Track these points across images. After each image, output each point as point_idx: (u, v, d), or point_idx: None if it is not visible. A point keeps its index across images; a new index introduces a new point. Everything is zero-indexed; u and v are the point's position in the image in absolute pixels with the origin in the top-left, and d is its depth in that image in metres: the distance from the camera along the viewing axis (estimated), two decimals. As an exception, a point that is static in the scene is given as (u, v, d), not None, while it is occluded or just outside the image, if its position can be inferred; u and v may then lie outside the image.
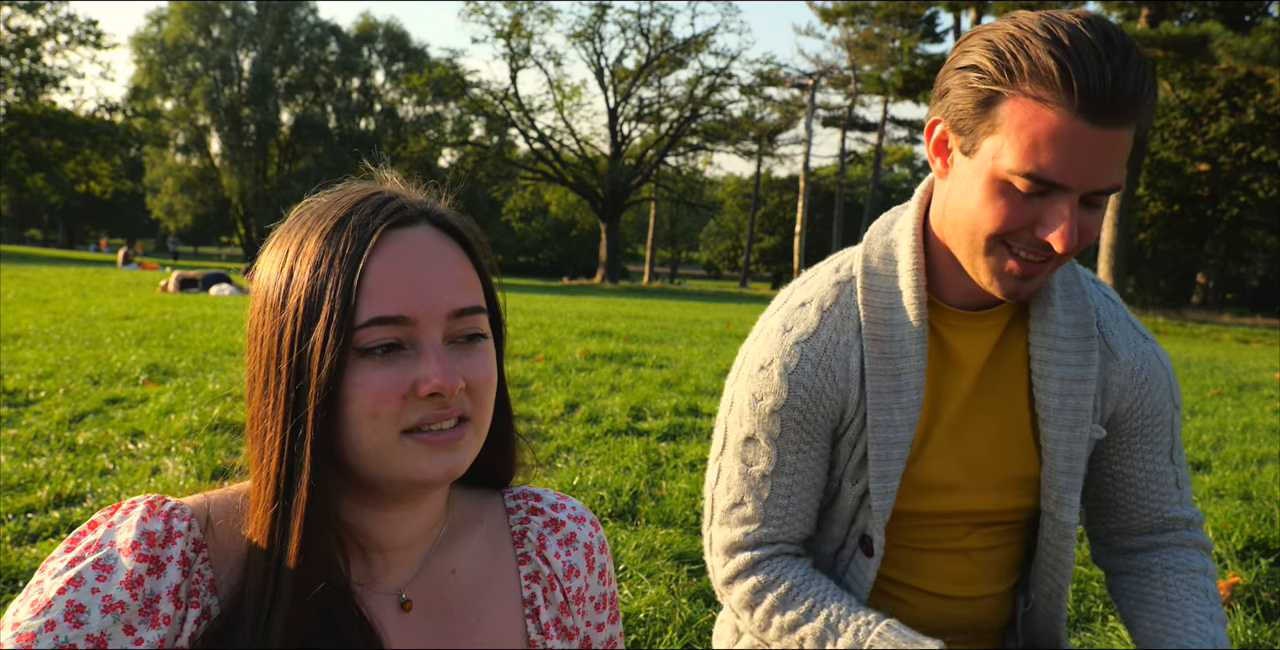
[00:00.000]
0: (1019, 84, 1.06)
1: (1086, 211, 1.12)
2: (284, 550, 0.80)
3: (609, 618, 1.04)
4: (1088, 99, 1.02)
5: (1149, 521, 1.41)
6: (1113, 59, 1.02)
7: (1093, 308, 1.32)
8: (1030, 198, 1.10)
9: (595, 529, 1.04)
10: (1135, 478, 1.39)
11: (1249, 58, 18.33)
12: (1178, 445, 1.42)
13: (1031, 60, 1.05)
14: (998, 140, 1.10)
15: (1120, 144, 1.07)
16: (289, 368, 0.81)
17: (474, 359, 0.86)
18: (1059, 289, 1.30)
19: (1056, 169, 1.06)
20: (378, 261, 0.82)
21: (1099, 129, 1.04)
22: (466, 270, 0.87)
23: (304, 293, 0.81)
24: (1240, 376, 8.30)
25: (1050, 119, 1.05)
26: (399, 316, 0.80)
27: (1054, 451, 1.30)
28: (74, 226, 61.61)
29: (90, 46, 42.14)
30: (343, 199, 0.87)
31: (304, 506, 0.80)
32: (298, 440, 0.80)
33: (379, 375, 0.80)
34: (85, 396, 4.94)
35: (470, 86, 35.66)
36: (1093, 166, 1.06)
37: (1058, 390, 1.29)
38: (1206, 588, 1.36)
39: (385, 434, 0.80)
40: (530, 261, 54.76)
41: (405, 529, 0.90)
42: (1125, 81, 1.01)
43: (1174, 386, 1.39)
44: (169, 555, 0.79)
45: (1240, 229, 32.48)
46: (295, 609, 0.78)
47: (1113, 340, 1.33)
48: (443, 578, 0.93)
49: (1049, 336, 1.29)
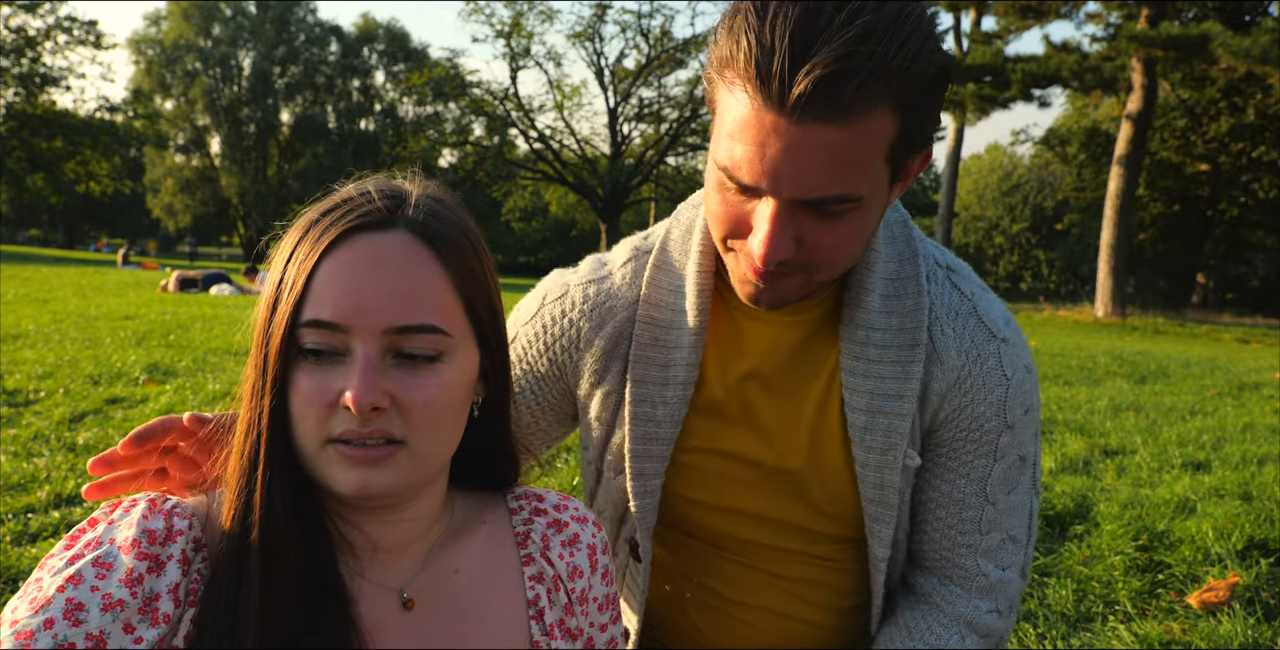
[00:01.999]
0: (726, 65, 0.91)
1: (816, 222, 0.93)
2: (245, 541, 0.80)
3: (611, 619, 1.04)
4: (779, 87, 0.84)
5: (930, 561, 1.18)
6: (820, 40, 0.83)
7: (925, 307, 1.10)
8: (741, 197, 0.95)
9: (598, 530, 1.04)
10: (930, 501, 1.16)
11: (1249, 58, 18.32)
12: (1000, 479, 1.14)
13: (734, 40, 0.89)
14: (716, 125, 0.96)
15: (833, 145, 0.86)
16: (258, 363, 0.82)
17: (416, 379, 0.81)
18: (879, 286, 1.10)
19: (746, 166, 0.90)
20: (330, 263, 0.80)
21: (797, 125, 0.86)
22: (430, 285, 0.83)
23: (273, 288, 0.83)
24: (1240, 376, 8.30)
25: (741, 108, 0.89)
26: (332, 322, 0.79)
27: (863, 477, 1.12)
28: (74, 226, 61.55)
29: (90, 47, 42.11)
30: (335, 196, 0.87)
31: (260, 499, 0.80)
32: (254, 432, 0.82)
33: (309, 379, 0.80)
34: (85, 396, 4.93)
35: (470, 86, 35.64)
36: (794, 169, 0.88)
37: (865, 406, 1.10)
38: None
39: (310, 439, 0.80)
40: (530, 261, 54.69)
41: (393, 531, 0.90)
42: (833, 68, 0.82)
43: (1012, 400, 1.12)
44: (169, 554, 0.78)
45: (1240, 229, 32.46)
46: (266, 601, 0.78)
47: (942, 342, 1.11)
48: (446, 577, 0.93)
49: (859, 344, 1.10)
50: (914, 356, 1.09)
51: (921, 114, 0.90)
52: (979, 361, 1.11)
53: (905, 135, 0.90)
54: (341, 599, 0.83)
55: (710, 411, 1.18)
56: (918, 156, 0.98)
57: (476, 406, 0.94)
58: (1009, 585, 1.16)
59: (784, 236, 0.93)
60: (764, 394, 1.16)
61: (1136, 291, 30.32)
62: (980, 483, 1.13)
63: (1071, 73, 22.34)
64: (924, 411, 1.13)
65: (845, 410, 1.12)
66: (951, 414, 1.12)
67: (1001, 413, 1.11)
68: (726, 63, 0.90)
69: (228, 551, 0.80)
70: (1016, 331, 1.16)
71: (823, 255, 0.96)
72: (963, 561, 1.15)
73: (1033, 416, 1.16)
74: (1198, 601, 2.62)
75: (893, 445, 1.10)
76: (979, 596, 1.15)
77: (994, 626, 1.16)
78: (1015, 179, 48.70)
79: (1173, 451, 4.50)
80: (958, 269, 1.18)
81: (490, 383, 0.94)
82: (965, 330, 1.12)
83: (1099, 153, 30.78)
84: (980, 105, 24.41)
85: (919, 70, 0.86)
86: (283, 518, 0.80)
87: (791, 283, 1.00)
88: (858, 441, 1.11)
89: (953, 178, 31.64)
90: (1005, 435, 1.12)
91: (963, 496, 1.14)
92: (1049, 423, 5.21)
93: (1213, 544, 2.98)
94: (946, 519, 1.15)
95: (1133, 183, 22.58)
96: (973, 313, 1.13)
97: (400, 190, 0.88)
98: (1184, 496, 3.57)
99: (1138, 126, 22.31)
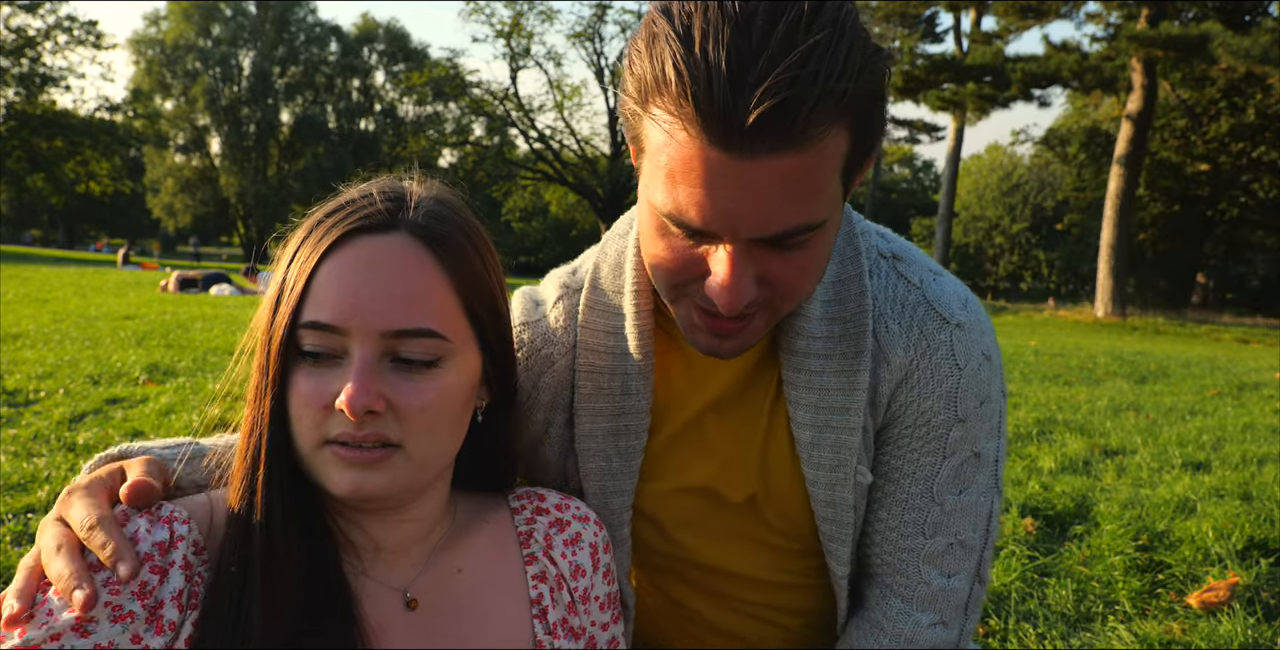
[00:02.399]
0: (652, 98, 0.80)
1: (777, 256, 0.85)
2: (248, 540, 0.80)
3: (612, 618, 1.04)
4: (724, 120, 0.75)
5: (874, 567, 1.10)
6: (761, 64, 0.73)
7: (869, 309, 1.02)
8: (691, 239, 0.85)
9: (599, 529, 1.04)
10: (873, 503, 1.08)
11: (1249, 58, 18.32)
12: (950, 478, 1.05)
13: (658, 66, 0.78)
14: (647, 164, 0.85)
15: (788, 175, 0.78)
16: (261, 363, 0.83)
17: (413, 384, 0.81)
18: (820, 292, 1.02)
19: (695, 210, 0.81)
20: (329, 265, 0.80)
21: (749, 160, 0.77)
22: (429, 288, 0.82)
23: (277, 288, 0.83)
24: (1240, 376, 8.30)
25: (680, 147, 0.79)
26: (330, 325, 0.79)
27: (815, 496, 1.05)
28: (74, 226, 61.59)
29: (90, 47, 42.11)
30: (340, 196, 0.87)
31: (262, 499, 0.80)
32: (257, 432, 0.82)
33: (307, 381, 0.80)
34: (85, 396, 4.93)
35: (470, 86, 35.63)
36: (750, 207, 0.79)
37: (810, 422, 1.03)
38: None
39: (307, 439, 0.81)
40: (530, 261, 54.73)
41: (395, 531, 0.90)
42: (783, 96, 0.73)
43: (965, 391, 1.03)
44: (171, 560, 0.78)
45: (1240, 229, 32.45)
46: (269, 600, 0.78)
47: (887, 340, 1.03)
48: (449, 577, 0.93)
49: (799, 354, 1.02)
50: (858, 365, 1.01)
51: (872, 125, 0.84)
52: (928, 353, 1.03)
53: (858, 148, 0.84)
54: (345, 598, 0.83)
55: (668, 450, 1.11)
56: (867, 164, 0.92)
57: (480, 410, 0.93)
58: (953, 594, 1.08)
59: (745, 279, 0.84)
60: (719, 421, 1.10)
61: (1136, 291, 30.33)
62: (927, 482, 1.05)
63: (1071, 73, 22.34)
64: (875, 417, 1.05)
65: (791, 426, 1.05)
66: (899, 411, 1.04)
67: (952, 405, 1.03)
68: (653, 92, 0.80)
69: (230, 551, 0.80)
70: (975, 314, 1.07)
71: (786, 288, 0.88)
72: (904, 568, 1.07)
73: (991, 408, 1.06)
74: (1198, 601, 2.62)
75: (842, 461, 1.03)
76: (920, 609, 1.08)
77: (939, 639, 1.09)
78: (1015, 179, 48.71)
79: (1173, 451, 4.49)
80: (905, 256, 1.09)
81: (494, 387, 0.94)
82: (913, 322, 1.03)
83: (1099, 153, 30.78)
84: (980, 105, 24.42)
85: (866, 83, 0.79)
86: (283, 517, 0.81)
87: (755, 326, 0.92)
88: (806, 458, 1.04)
89: (953, 178, 31.64)
90: (956, 429, 1.03)
91: (907, 497, 1.06)
92: (1049, 423, 5.21)
93: (1213, 544, 2.98)
94: (889, 521, 1.07)
95: (1133, 183, 22.58)
96: (922, 301, 1.04)
97: (403, 192, 0.87)
98: (1184, 496, 3.57)
99: (1138, 126, 22.31)
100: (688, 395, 1.09)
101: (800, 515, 1.09)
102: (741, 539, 1.14)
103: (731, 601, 1.19)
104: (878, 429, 1.07)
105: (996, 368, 1.07)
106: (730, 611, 1.20)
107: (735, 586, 1.17)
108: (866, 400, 1.03)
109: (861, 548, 1.12)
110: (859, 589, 1.15)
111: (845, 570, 1.10)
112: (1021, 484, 3.69)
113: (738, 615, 1.20)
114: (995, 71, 23.41)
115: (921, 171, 68.88)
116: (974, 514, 1.07)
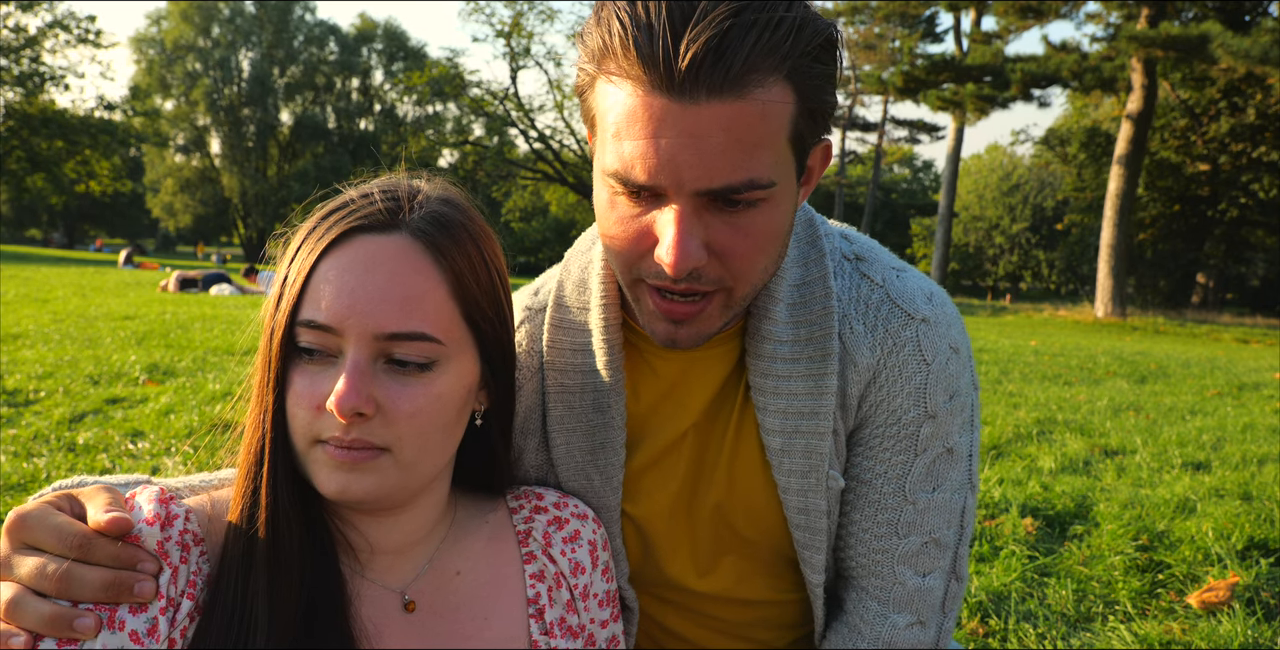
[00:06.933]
0: (603, 62, 0.84)
1: (726, 221, 0.85)
2: (253, 535, 0.80)
3: (612, 615, 1.04)
4: (665, 61, 0.78)
5: (849, 569, 1.10)
6: (699, 12, 0.78)
7: (834, 311, 1.02)
8: (638, 206, 0.87)
9: (598, 526, 1.04)
10: (846, 505, 1.07)
11: (1249, 58, 18.32)
12: (922, 476, 1.04)
13: (605, 28, 0.83)
14: (600, 135, 0.88)
15: (731, 123, 0.80)
16: (263, 360, 0.83)
17: (406, 388, 0.80)
18: (787, 294, 1.02)
19: (640, 162, 0.82)
20: (327, 264, 0.80)
21: (690, 104, 0.79)
22: (425, 291, 0.81)
23: (280, 286, 0.83)
24: (1240, 376, 8.30)
25: (626, 99, 0.82)
26: (324, 325, 0.79)
27: (786, 502, 1.04)
28: (74, 226, 61.59)
29: (90, 45, 42.09)
30: (343, 195, 0.87)
31: (266, 495, 0.80)
32: (261, 428, 0.82)
33: (303, 379, 0.80)
34: (85, 396, 4.93)
35: (470, 86, 35.63)
36: (694, 155, 0.81)
37: (779, 428, 1.02)
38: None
39: (301, 437, 0.81)
40: (530, 261, 54.74)
41: (392, 533, 0.89)
42: (719, 32, 0.77)
43: (933, 386, 1.02)
44: (168, 535, 0.78)
45: (1240, 229, 32.45)
46: (272, 599, 0.78)
47: (853, 342, 1.02)
48: (448, 579, 0.93)
49: (766, 359, 1.01)
50: (826, 369, 1.00)
51: (817, 84, 0.85)
52: (894, 352, 1.02)
53: (805, 111, 0.85)
54: (342, 600, 0.83)
55: (647, 470, 1.10)
56: (818, 147, 0.92)
57: (478, 415, 0.93)
58: (929, 593, 1.07)
59: (692, 238, 0.84)
60: (697, 435, 1.09)
61: (1136, 291, 30.36)
62: (899, 481, 1.04)
63: (1071, 73, 22.34)
64: (845, 420, 1.04)
65: (760, 434, 1.04)
66: (869, 412, 1.03)
67: (921, 402, 1.02)
68: (602, 54, 0.84)
69: (234, 546, 0.80)
70: (942, 308, 1.06)
71: (738, 262, 0.87)
72: (879, 569, 1.07)
73: (961, 402, 1.05)
74: (1198, 601, 2.62)
75: (813, 467, 1.02)
76: (896, 610, 1.07)
77: (917, 640, 1.09)
78: (1015, 179, 48.71)
79: (1173, 451, 4.49)
80: (867, 256, 1.09)
81: (493, 391, 0.93)
82: (878, 321, 1.03)
83: (1099, 153, 30.77)
84: (980, 105, 24.41)
85: (806, 37, 0.82)
86: (287, 513, 0.81)
87: (711, 310, 0.91)
88: (776, 466, 1.03)
89: (953, 178, 31.64)
90: (927, 426, 1.03)
91: (880, 498, 1.04)
92: (1049, 423, 5.21)
93: (1213, 544, 2.98)
94: (862, 523, 1.06)
95: (1133, 183, 22.57)
96: (886, 299, 1.04)
97: (405, 192, 0.86)
98: (1184, 496, 3.57)
99: (1138, 126, 22.31)
100: (668, 416, 1.08)
101: (773, 524, 1.08)
102: (715, 553, 1.13)
103: (708, 620, 1.18)
104: (849, 432, 1.06)
105: (965, 360, 1.07)
106: (708, 630, 1.19)
107: (711, 605, 1.17)
108: (836, 404, 1.02)
109: (836, 551, 1.11)
110: (836, 593, 1.15)
111: (820, 578, 1.09)
112: (1021, 484, 3.69)
113: (713, 633, 1.19)
114: (995, 71, 23.42)
115: (921, 171, 68.88)
116: (948, 511, 1.06)
